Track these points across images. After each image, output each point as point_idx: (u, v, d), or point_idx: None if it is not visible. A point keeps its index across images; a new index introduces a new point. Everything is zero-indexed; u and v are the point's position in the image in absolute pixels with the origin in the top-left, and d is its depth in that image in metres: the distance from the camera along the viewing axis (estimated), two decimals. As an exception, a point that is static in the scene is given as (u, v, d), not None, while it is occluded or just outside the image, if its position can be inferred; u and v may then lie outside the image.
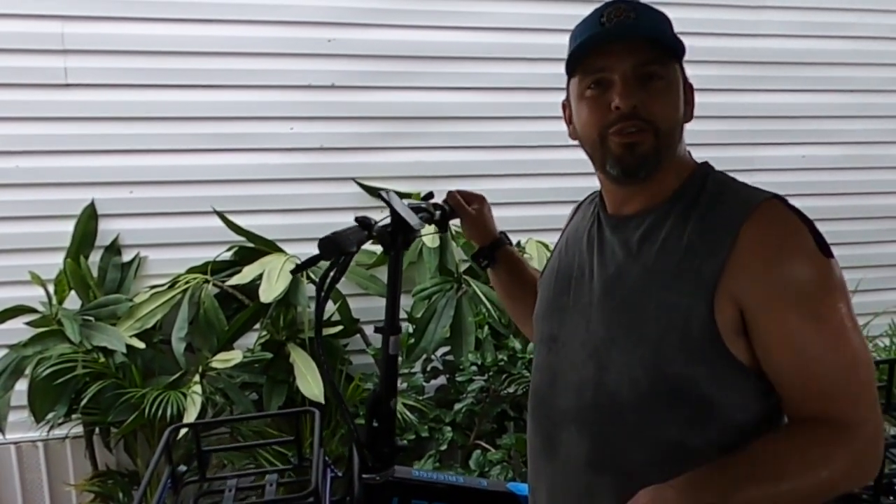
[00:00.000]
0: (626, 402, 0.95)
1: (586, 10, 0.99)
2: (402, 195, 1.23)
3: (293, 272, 2.20)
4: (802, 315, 0.88)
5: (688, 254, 0.93)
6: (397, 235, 1.15)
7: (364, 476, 1.22)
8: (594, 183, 1.09)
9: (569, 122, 1.07)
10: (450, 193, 1.36)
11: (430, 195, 1.38)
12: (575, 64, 0.99)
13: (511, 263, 1.36)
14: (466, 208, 1.35)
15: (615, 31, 0.95)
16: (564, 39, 1.03)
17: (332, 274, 1.06)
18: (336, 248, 1.00)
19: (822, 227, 0.92)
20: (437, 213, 1.30)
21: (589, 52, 0.96)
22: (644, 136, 0.95)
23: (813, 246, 0.89)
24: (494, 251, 1.35)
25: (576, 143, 1.05)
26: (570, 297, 1.07)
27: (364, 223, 1.08)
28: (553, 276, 1.13)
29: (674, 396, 0.93)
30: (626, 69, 0.94)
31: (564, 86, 1.06)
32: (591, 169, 1.05)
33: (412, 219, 1.14)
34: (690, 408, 0.92)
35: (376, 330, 1.24)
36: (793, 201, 0.95)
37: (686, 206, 0.98)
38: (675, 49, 0.97)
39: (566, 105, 1.07)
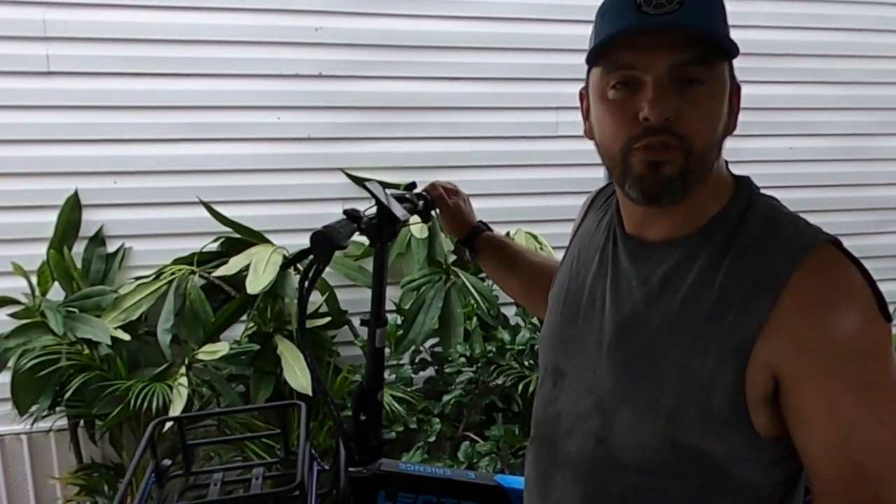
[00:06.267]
0: (628, 463, 0.85)
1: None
2: (387, 185, 1.21)
3: (283, 267, 2.19)
4: (853, 389, 0.75)
5: (719, 306, 0.79)
6: (383, 227, 1.14)
7: (350, 469, 1.22)
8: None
9: (585, 116, 0.91)
10: (432, 184, 1.35)
11: (413, 185, 1.37)
12: (598, 54, 0.81)
13: (494, 248, 1.34)
14: (447, 201, 1.34)
15: (654, 23, 0.76)
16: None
17: (316, 266, 1.05)
18: (328, 243, 0.98)
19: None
20: (421, 203, 1.29)
21: (617, 43, 0.79)
22: (672, 154, 0.78)
23: (875, 309, 0.76)
24: (474, 240, 1.34)
25: (590, 140, 0.90)
26: (578, 329, 0.94)
27: (353, 215, 1.07)
28: (562, 295, 1.00)
29: (683, 465, 0.82)
30: (661, 70, 0.77)
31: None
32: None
33: (398, 210, 1.13)
34: (701, 477, 0.81)
35: (363, 322, 1.23)
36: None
37: (721, 242, 0.82)
38: (725, 48, 0.79)
39: (584, 95, 0.91)
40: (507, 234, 2.51)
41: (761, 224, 0.82)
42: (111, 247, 2.39)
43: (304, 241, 1.01)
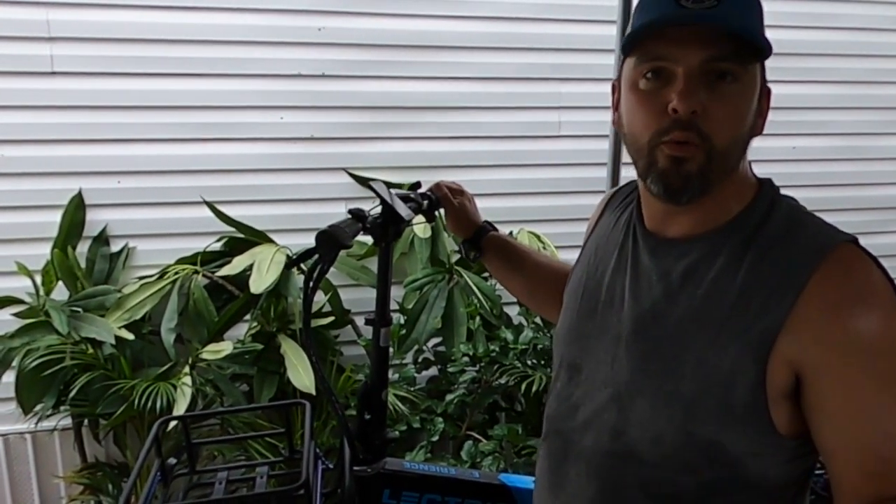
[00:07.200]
0: (644, 456, 0.85)
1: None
2: (391, 185, 1.21)
3: (288, 266, 2.20)
4: (875, 383, 0.75)
5: (740, 301, 0.80)
6: (388, 227, 1.14)
7: (355, 468, 1.22)
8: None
9: (615, 107, 0.91)
10: (437, 185, 1.35)
11: (418, 185, 1.37)
12: (633, 44, 0.82)
13: (499, 248, 1.34)
14: (452, 200, 1.33)
15: (691, 16, 0.78)
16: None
17: (321, 266, 1.05)
18: (334, 243, 0.98)
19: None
20: (425, 202, 1.29)
21: (652, 34, 0.80)
22: (694, 151, 0.79)
23: (895, 305, 0.77)
24: (479, 240, 1.33)
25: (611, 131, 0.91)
26: (596, 324, 0.94)
27: (358, 215, 1.07)
28: (579, 291, 1.00)
29: (699, 459, 0.82)
30: (693, 63, 0.78)
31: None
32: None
33: (403, 210, 1.13)
34: (716, 472, 0.82)
35: (367, 322, 1.23)
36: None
37: (743, 240, 0.83)
38: (759, 47, 0.79)
39: (616, 87, 0.91)
40: (510, 233, 2.52)
41: (784, 224, 0.84)
42: (115, 246, 2.40)
43: (307, 241, 1.01)
